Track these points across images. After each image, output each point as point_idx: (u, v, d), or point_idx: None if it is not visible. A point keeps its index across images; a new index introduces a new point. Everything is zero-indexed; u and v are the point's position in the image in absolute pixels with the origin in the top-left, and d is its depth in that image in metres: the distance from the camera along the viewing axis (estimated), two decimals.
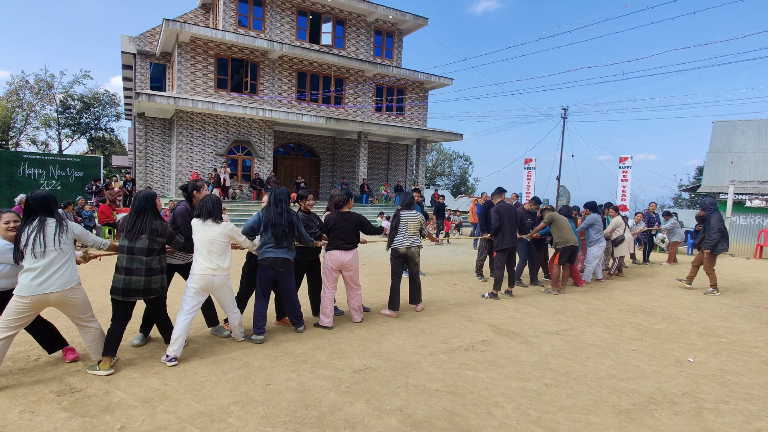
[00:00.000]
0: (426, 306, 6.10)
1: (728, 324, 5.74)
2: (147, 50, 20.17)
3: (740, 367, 4.19)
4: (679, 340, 4.98)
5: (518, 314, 5.86)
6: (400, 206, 5.73)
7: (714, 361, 4.31)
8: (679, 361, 4.31)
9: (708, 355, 4.48)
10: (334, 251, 5.08)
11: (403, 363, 3.99)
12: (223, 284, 4.13)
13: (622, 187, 18.08)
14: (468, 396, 3.39)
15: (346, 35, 21.44)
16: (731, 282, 9.03)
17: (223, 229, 4.15)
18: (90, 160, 19.42)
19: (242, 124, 19.01)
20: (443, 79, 22.66)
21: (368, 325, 5.15)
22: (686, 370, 4.05)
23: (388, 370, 3.83)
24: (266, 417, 2.98)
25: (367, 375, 3.70)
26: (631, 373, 3.95)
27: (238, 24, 18.97)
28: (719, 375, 3.97)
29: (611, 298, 7.09)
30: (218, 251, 4.07)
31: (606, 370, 3.98)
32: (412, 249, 5.66)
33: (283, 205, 4.54)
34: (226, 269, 4.14)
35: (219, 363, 3.86)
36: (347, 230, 5.09)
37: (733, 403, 3.41)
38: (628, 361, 4.23)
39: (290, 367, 3.84)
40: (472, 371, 3.85)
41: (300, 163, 23.04)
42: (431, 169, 59.44)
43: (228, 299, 4.26)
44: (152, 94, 16.33)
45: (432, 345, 4.51)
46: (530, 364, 4.08)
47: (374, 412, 3.08)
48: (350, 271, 5.14)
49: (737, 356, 4.49)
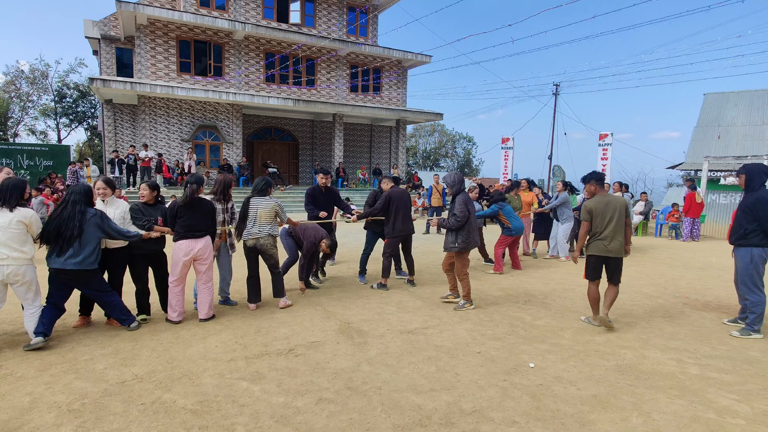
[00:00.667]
0: (302, 298, 5.61)
1: (623, 319, 5.10)
2: (112, 35, 19.75)
3: (582, 374, 3.60)
4: (546, 339, 4.39)
5: (392, 308, 5.33)
6: (252, 193, 5.20)
7: (557, 367, 3.72)
8: (518, 366, 3.73)
9: (558, 359, 3.89)
10: (182, 241, 4.62)
11: (184, 372, 3.52)
12: (18, 275, 3.80)
13: (602, 165, 17.16)
14: (211, 415, 2.90)
15: (317, 13, 20.63)
16: (675, 268, 8.29)
17: (14, 216, 3.78)
18: (59, 149, 19.28)
19: (208, 109, 18.54)
20: (421, 56, 21.74)
21: (204, 323, 4.68)
22: (512, 379, 3.48)
23: (155, 382, 3.36)
24: None
25: (122, 389, 3.24)
26: (442, 383, 3.41)
27: (200, 4, 18.34)
28: (545, 385, 3.39)
29: (532, 284, 6.47)
30: (7, 240, 3.72)
31: (413, 380, 3.44)
32: (261, 240, 5.12)
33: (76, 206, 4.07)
34: (20, 258, 3.78)
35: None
36: (197, 218, 4.63)
37: (521, 424, 2.85)
38: (454, 368, 3.68)
39: (54, 377, 3.41)
40: (248, 383, 3.35)
41: (277, 147, 22.56)
42: (435, 151, 58.41)
43: (24, 293, 3.89)
44: (107, 80, 15.95)
45: (247, 348, 4.03)
46: (332, 372, 3.56)
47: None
48: (203, 260, 4.69)
49: (594, 360, 3.89)
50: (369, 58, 21.65)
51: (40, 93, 39.54)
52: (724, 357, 4.01)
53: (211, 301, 4.84)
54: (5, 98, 37.69)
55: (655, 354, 4.05)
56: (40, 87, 39.13)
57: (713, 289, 6.63)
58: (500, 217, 7.49)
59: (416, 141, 56.42)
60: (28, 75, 38.27)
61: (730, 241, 4.84)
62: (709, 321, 5.08)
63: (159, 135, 17.80)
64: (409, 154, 53.00)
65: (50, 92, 39.33)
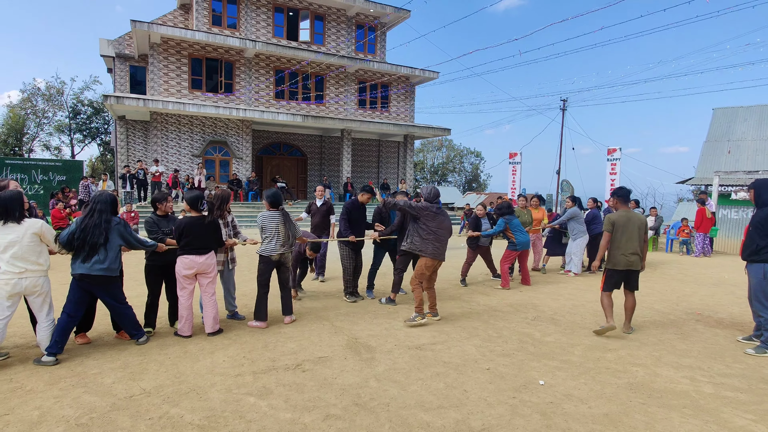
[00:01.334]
0: (309, 312, 5.60)
1: (635, 335, 5.02)
2: (126, 53, 20.23)
3: (593, 392, 3.54)
4: (556, 356, 4.33)
5: (400, 323, 5.29)
6: (268, 206, 5.23)
7: (567, 385, 3.67)
8: (528, 383, 3.68)
9: (568, 377, 3.83)
10: (185, 256, 4.68)
11: (191, 387, 3.51)
12: (36, 286, 3.90)
13: (610, 180, 17.08)
14: (218, 431, 2.89)
15: (326, 31, 21.00)
16: (687, 283, 8.17)
17: (25, 229, 3.85)
18: (72, 164, 19.61)
19: (218, 125, 18.82)
20: (428, 72, 21.98)
21: (212, 338, 4.69)
22: (522, 396, 3.44)
23: (163, 396, 3.36)
24: None
25: (130, 403, 3.24)
26: (450, 400, 3.37)
27: (212, 23, 18.77)
28: (556, 403, 3.34)
29: (541, 300, 6.41)
30: (23, 254, 3.80)
31: (422, 397, 3.40)
32: (285, 254, 5.18)
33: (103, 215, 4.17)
34: (37, 270, 3.88)
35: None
36: (200, 235, 4.69)
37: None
38: (464, 384, 3.63)
39: (63, 391, 3.42)
40: (255, 398, 3.34)
41: (286, 162, 22.78)
42: (442, 166, 58.53)
43: (40, 304, 3.98)
44: (120, 97, 16.29)
45: (255, 363, 4.02)
46: (340, 388, 3.54)
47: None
48: (207, 276, 4.73)
49: (604, 377, 3.83)
50: (377, 75, 21.92)
51: (56, 110, 40.38)
52: (739, 375, 3.93)
53: (216, 314, 4.84)
54: (22, 115, 38.55)
55: (668, 372, 3.97)
56: (56, 104, 39.98)
57: (726, 306, 6.51)
58: (506, 232, 7.46)
59: (424, 156, 56.64)
60: (45, 92, 39.16)
61: (742, 257, 4.77)
62: (723, 338, 4.99)
63: (170, 150, 18.06)
64: (416, 169, 53.19)
65: (65, 109, 40.16)
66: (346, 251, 6.36)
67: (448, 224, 5.43)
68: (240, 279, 7.37)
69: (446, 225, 5.40)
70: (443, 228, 5.35)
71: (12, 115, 38.30)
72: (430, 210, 5.32)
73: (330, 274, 8.16)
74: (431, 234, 5.27)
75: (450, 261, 10.00)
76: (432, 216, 5.31)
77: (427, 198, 5.45)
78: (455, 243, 13.41)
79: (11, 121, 38.17)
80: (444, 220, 5.39)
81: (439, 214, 5.36)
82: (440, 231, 5.32)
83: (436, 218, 5.32)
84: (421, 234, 5.29)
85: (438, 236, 5.30)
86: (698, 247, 12.03)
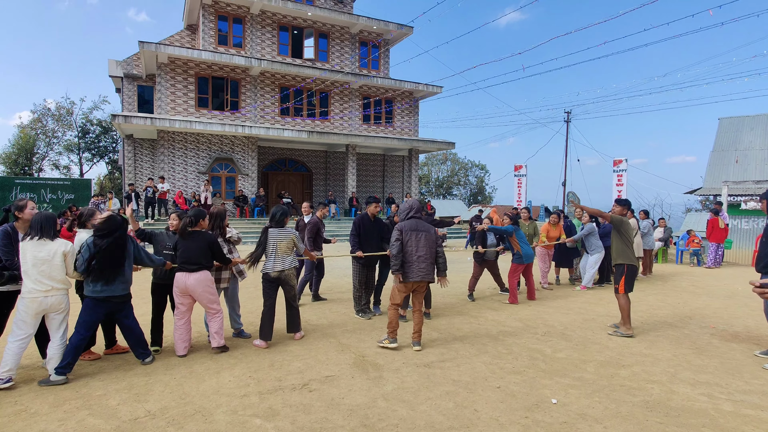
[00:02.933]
0: (315, 330, 5.54)
1: (648, 350, 4.91)
2: (134, 73, 20.55)
3: (608, 411, 3.44)
4: (568, 373, 4.23)
5: (408, 340, 5.20)
6: (269, 222, 5.21)
7: (581, 403, 3.57)
8: (540, 402, 3.59)
9: (582, 395, 3.74)
10: (177, 273, 4.66)
11: (197, 408, 3.46)
12: (60, 304, 3.98)
13: (617, 192, 16.98)
14: None
15: (330, 48, 21.26)
16: (699, 296, 8.02)
17: (58, 247, 3.94)
18: (81, 183, 19.78)
19: (224, 142, 18.99)
20: (432, 87, 22.12)
21: (218, 357, 4.63)
22: (534, 416, 3.34)
23: (168, 419, 3.30)
24: None
25: (134, 426, 3.19)
26: (461, 420, 3.28)
27: (218, 42, 19.07)
28: (570, 423, 3.24)
29: (550, 314, 6.31)
30: (51, 272, 3.88)
31: (431, 417, 3.32)
32: (286, 272, 5.12)
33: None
34: (62, 289, 3.97)
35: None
36: (191, 251, 4.65)
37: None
38: (474, 404, 3.55)
39: (67, 414, 3.38)
40: (262, 419, 3.27)
41: (292, 178, 22.89)
42: (447, 180, 58.57)
43: (59, 323, 4.03)
44: (128, 116, 16.50)
45: (261, 383, 3.96)
46: (348, 408, 3.46)
47: None
48: (197, 295, 4.66)
49: (619, 395, 3.73)
50: (381, 90, 22.10)
51: (65, 129, 40.98)
52: (759, 392, 3.81)
53: (219, 329, 4.77)
54: (32, 135, 39.17)
55: (685, 389, 3.86)
56: (65, 123, 40.59)
57: (741, 319, 6.37)
58: (512, 240, 7.36)
59: (428, 169, 56.75)
60: (55, 112, 39.82)
61: (756, 268, 4.68)
62: (740, 353, 4.86)
63: (177, 168, 18.21)
64: (421, 183, 53.26)
65: (74, 128, 40.75)
66: (357, 267, 6.29)
67: (427, 240, 4.86)
68: (247, 296, 7.33)
69: (425, 242, 4.84)
70: (422, 246, 4.82)
71: (23, 136, 38.91)
72: (405, 230, 4.85)
73: (333, 293, 8.10)
74: (410, 255, 4.81)
75: (457, 276, 9.92)
76: (408, 235, 4.83)
77: (403, 219, 4.98)
78: (461, 257, 13.31)
79: (22, 141, 38.76)
80: (422, 237, 4.83)
81: (414, 231, 4.85)
82: (420, 251, 4.81)
83: (414, 236, 4.83)
84: (406, 259, 4.82)
85: (419, 257, 4.80)
86: (710, 257, 11.86)
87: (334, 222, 19.46)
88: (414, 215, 4.99)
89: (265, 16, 19.86)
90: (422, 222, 4.98)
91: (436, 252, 4.97)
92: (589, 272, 8.57)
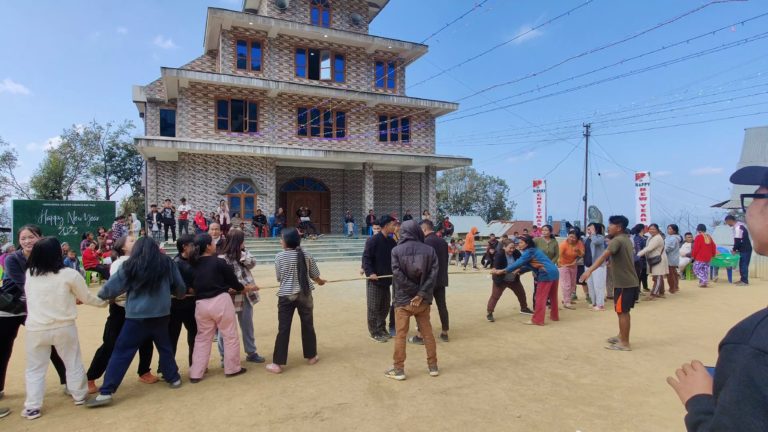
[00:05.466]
0: (330, 353, 5.43)
1: None
2: (157, 98, 21.17)
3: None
4: (593, 401, 4.01)
5: (425, 365, 5.04)
6: (285, 246, 5.16)
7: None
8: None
9: (608, 425, 3.51)
10: (197, 301, 4.66)
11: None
12: (64, 336, 3.88)
13: (641, 205, 16.52)
14: None
15: (346, 68, 21.56)
16: (733, 315, 7.62)
17: (61, 278, 3.88)
18: (105, 205, 20.28)
19: (243, 163, 19.28)
20: (448, 104, 22.15)
21: (230, 382, 4.55)
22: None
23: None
24: None
25: None
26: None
27: (237, 66, 19.54)
28: None
29: (573, 336, 6.06)
30: (54, 303, 3.81)
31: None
32: (304, 296, 5.05)
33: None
34: (65, 321, 3.87)
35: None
36: (205, 278, 4.64)
37: None
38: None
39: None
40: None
41: (309, 197, 23.04)
42: (465, 195, 58.23)
43: (71, 353, 3.98)
44: (150, 139, 16.93)
45: (272, 411, 3.85)
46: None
47: None
48: (221, 316, 4.66)
49: (649, 426, 3.49)
50: (397, 108, 22.22)
51: (93, 153, 42.41)
52: None
53: (236, 356, 4.74)
54: (61, 159, 40.63)
55: None
56: (93, 147, 42.02)
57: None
58: (533, 263, 7.17)
59: (446, 186, 56.59)
60: (83, 137, 41.30)
61: None
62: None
63: (197, 189, 18.53)
64: (439, 199, 53.06)
65: (101, 152, 42.14)
66: (372, 289, 6.17)
67: (420, 259, 4.63)
68: (262, 319, 7.28)
69: (419, 260, 4.62)
70: (416, 264, 4.62)
71: (52, 160, 40.36)
72: (401, 254, 4.67)
73: (349, 313, 7.98)
74: (406, 278, 4.65)
75: (476, 295, 9.70)
76: (405, 255, 4.66)
77: (406, 239, 4.79)
78: (479, 276, 13.05)
79: (51, 165, 40.20)
80: (415, 259, 4.62)
81: (410, 255, 4.65)
82: (410, 269, 4.62)
83: (410, 260, 4.63)
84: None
85: (415, 277, 4.64)
86: (700, 276, 11.21)
87: (351, 240, 19.43)
88: (408, 237, 4.78)
89: (283, 40, 20.31)
90: (419, 244, 4.74)
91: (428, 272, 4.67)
92: (599, 293, 8.34)
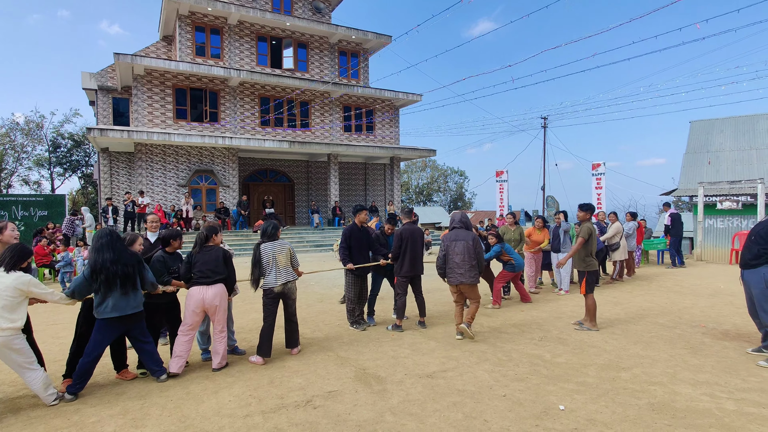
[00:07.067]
0: (311, 344, 5.43)
1: (645, 352, 4.97)
2: (109, 86, 20.10)
3: (616, 415, 3.45)
4: (570, 378, 4.25)
5: (407, 351, 5.16)
6: (261, 239, 5.11)
7: (588, 408, 3.57)
8: (548, 409, 3.58)
9: (588, 400, 3.74)
10: (193, 287, 4.59)
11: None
12: (4, 346, 3.55)
13: (596, 194, 17.33)
14: None
15: (309, 58, 21.23)
16: (685, 295, 8.21)
17: (13, 280, 3.62)
18: (54, 199, 19.14)
19: (204, 154, 18.68)
20: (412, 95, 22.28)
21: (215, 375, 4.49)
22: (544, 423, 3.33)
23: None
24: None
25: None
26: (471, 431, 3.24)
27: (196, 53, 18.83)
28: (580, 429, 3.24)
29: (544, 318, 6.33)
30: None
31: (442, 429, 3.27)
32: (288, 285, 5.02)
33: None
34: (8, 329, 3.56)
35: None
36: (208, 263, 4.63)
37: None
38: (482, 414, 3.51)
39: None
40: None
41: (273, 188, 22.64)
42: (427, 186, 58.96)
43: (14, 363, 3.66)
44: (104, 129, 16.09)
45: (262, 402, 3.84)
46: (356, 424, 3.38)
47: None
48: (216, 308, 4.59)
49: (624, 398, 3.75)
50: (361, 99, 22.14)
51: (35, 144, 39.74)
52: (757, 389, 3.89)
53: (225, 350, 4.70)
54: (0, 150, 37.82)
55: (686, 389, 3.91)
56: (35, 138, 39.36)
57: (729, 317, 6.53)
58: (503, 257, 7.46)
59: (408, 177, 57.03)
60: (23, 127, 38.58)
61: (740, 264, 4.85)
62: (733, 351, 4.97)
63: (155, 181, 17.81)
64: (402, 190, 53.44)
65: (45, 143, 39.55)
66: (350, 278, 6.20)
67: (462, 245, 5.55)
68: (237, 311, 7.16)
69: (461, 246, 5.54)
70: (457, 249, 5.55)
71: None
72: (447, 240, 5.69)
73: (324, 304, 7.99)
74: (450, 262, 5.64)
75: (445, 284, 9.91)
76: (449, 241, 5.66)
77: (453, 227, 5.80)
78: None
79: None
80: (457, 245, 5.55)
81: (454, 240, 5.60)
82: (456, 257, 5.56)
83: (454, 243, 5.59)
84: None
85: (456, 263, 5.57)
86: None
87: (318, 231, 19.30)
88: (455, 226, 5.71)
89: (243, 27, 19.72)
90: (461, 231, 5.64)
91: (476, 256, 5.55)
92: (564, 277, 8.66)
